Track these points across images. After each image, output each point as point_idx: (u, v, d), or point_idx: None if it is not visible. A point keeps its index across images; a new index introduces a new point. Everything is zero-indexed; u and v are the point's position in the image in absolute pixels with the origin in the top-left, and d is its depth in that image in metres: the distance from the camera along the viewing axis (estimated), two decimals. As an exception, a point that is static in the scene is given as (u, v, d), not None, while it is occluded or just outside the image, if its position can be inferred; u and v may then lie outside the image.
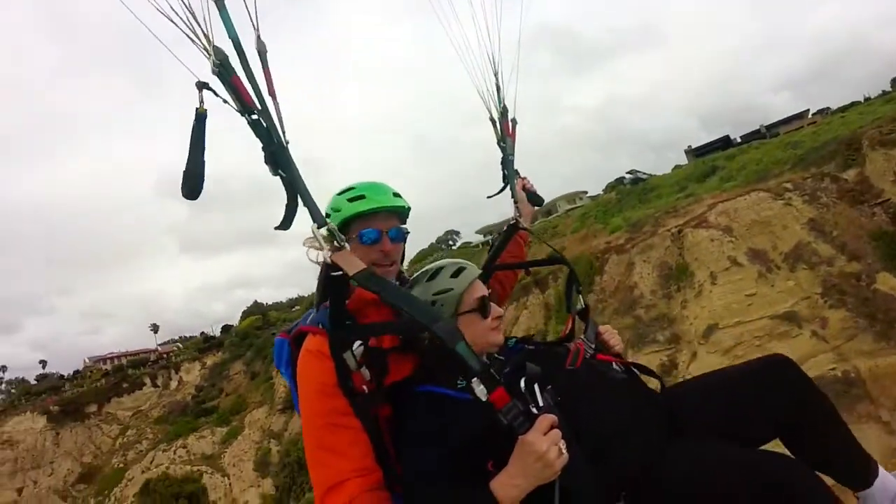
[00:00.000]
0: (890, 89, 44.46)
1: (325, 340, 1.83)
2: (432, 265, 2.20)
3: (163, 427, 44.23)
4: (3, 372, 69.02)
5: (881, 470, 1.99)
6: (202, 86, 1.61)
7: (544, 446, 1.48)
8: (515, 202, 2.96)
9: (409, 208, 2.20)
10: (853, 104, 41.23)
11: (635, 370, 2.25)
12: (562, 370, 1.96)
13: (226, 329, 58.74)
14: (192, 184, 1.63)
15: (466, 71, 2.80)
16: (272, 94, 1.69)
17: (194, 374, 51.26)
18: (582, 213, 38.06)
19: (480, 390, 1.52)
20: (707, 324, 19.63)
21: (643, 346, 20.49)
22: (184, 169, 1.63)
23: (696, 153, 42.71)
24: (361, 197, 2.07)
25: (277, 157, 1.67)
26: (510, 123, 3.07)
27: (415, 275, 2.23)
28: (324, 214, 2.00)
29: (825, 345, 17.31)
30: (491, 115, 2.99)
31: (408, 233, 2.22)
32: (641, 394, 2.00)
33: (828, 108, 47.12)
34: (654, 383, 2.23)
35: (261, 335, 47.00)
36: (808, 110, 45.94)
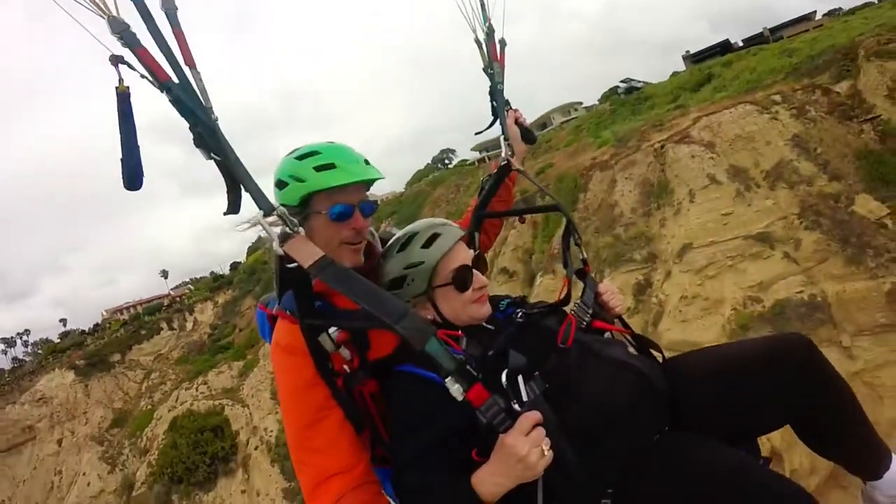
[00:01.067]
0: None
1: (293, 329, 1.74)
2: (407, 230, 2.03)
3: (184, 367, 46.57)
4: (28, 335, 73.62)
5: (894, 458, 1.90)
6: (117, 60, 1.40)
7: (525, 449, 1.41)
8: (506, 139, 2.64)
9: (378, 178, 1.93)
10: (865, 5, 38.19)
11: (634, 340, 2.11)
12: (552, 348, 1.81)
13: (234, 266, 60.51)
14: (131, 172, 1.46)
15: None
16: (189, 63, 1.48)
17: (208, 314, 53.21)
18: (576, 126, 37.23)
19: (456, 389, 1.43)
20: (682, 243, 19.60)
21: (620, 266, 20.75)
22: (120, 158, 1.45)
23: (693, 59, 40.66)
24: (331, 166, 1.81)
25: (206, 138, 1.47)
26: (497, 45, 2.70)
27: (390, 241, 2.05)
28: (278, 180, 1.87)
29: (796, 267, 17.28)
30: (476, 36, 2.64)
31: (378, 205, 2.03)
32: (638, 376, 1.82)
33: (839, 8, 43.91)
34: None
35: (267, 269, 48.21)
36: (815, 12, 42.90)
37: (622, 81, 44.32)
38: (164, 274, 67.33)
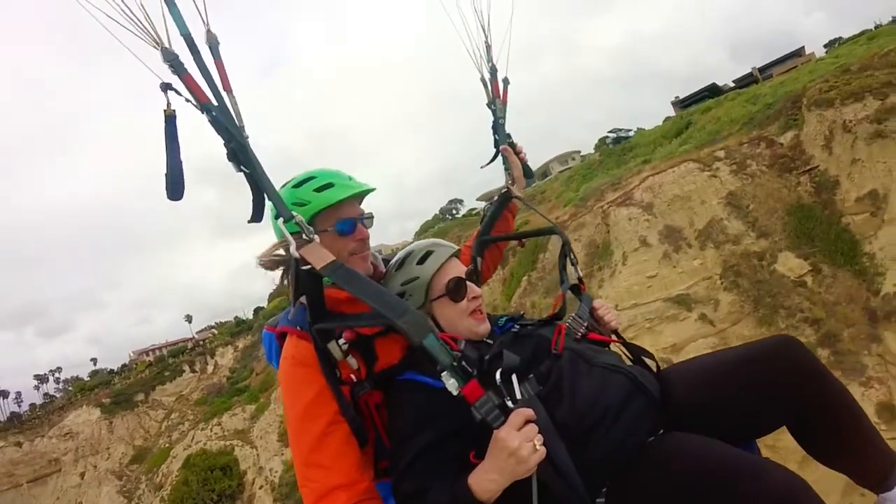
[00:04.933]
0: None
1: (300, 343, 1.84)
2: (403, 251, 2.16)
3: (202, 408, 48.97)
4: (59, 372, 78.43)
5: None
6: (166, 87, 1.60)
7: (516, 442, 1.44)
8: (507, 169, 2.83)
9: (373, 190, 2.10)
10: (862, 33, 35.55)
11: (628, 350, 2.16)
12: (547, 355, 1.89)
13: (258, 311, 62.06)
14: (174, 186, 1.64)
15: (453, 26, 2.70)
16: (227, 88, 1.67)
17: (228, 358, 55.57)
18: (568, 177, 37.71)
19: (451, 384, 1.49)
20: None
21: (555, 325, 21.24)
22: (164, 173, 1.63)
23: (682, 104, 40.88)
24: (329, 185, 1.98)
25: (238, 153, 1.65)
26: (501, 84, 2.92)
27: (391, 261, 2.18)
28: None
29: (711, 328, 17.76)
30: (481, 75, 2.87)
31: (373, 217, 2.14)
32: (629, 379, 1.86)
33: (839, 38, 42.19)
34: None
35: (287, 314, 50.47)
36: (804, 48, 41.96)
37: (610, 132, 44.96)
38: (189, 318, 71.71)
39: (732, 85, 40.13)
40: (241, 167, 1.67)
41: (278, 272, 1.98)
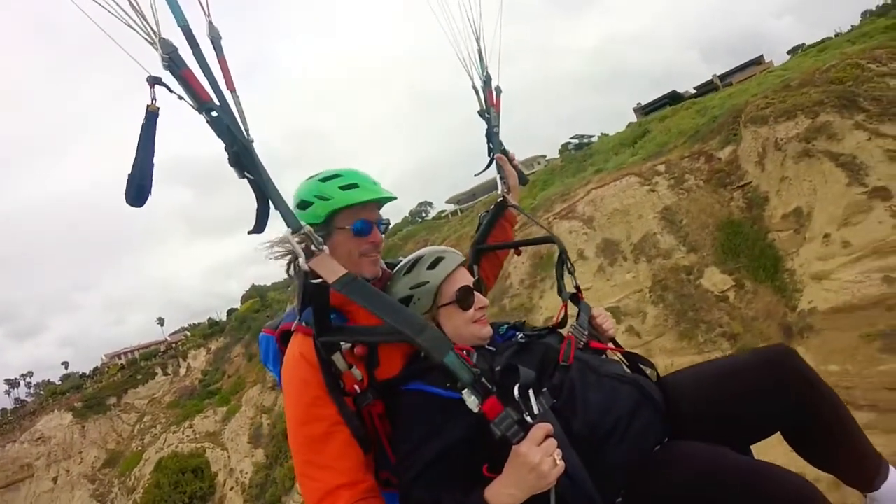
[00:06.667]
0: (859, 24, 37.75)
1: (308, 341, 1.79)
2: (412, 255, 2.16)
3: (174, 411, 49.39)
4: (31, 377, 78.32)
5: (892, 471, 1.89)
6: (154, 81, 1.48)
7: (538, 458, 1.44)
8: (502, 177, 2.82)
9: (395, 198, 2.12)
10: (822, 41, 35.82)
11: (626, 358, 2.18)
12: (555, 366, 1.88)
13: (231, 313, 62.58)
14: (138, 189, 1.51)
15: (446, 36, 2.68)
16: (230, 87, 1.57)
17: (200, 360, 56.02)
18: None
19: (472, 401, 1.47)
20: (546, 315, 20.56)
21: (497, 335, 21.92)
22: (129, 173, 1.49)
23: (643, 111, 41.49)
24: (354, 185, 1.98)
25: (242, 157, 1.54)
26: (494, 92, 2.91)
27: (397, 266, 2.18)
28: (301, 200, 1.98)
29: (637, 340, 18.25)
30: (473, 83, 2.83)
31: (389, 223, 2.18)
32: (636, 388, 1.89)
33: (802, 44, 43.09)
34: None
35: (258, 318, 50.44)
36: (762, 56, 42.75)
37: (572, 137, 45.65)
38: (161, 321, 71.93)
39: (694, 92, 40.72)
40: (245, 173, 1.57)
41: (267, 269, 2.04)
